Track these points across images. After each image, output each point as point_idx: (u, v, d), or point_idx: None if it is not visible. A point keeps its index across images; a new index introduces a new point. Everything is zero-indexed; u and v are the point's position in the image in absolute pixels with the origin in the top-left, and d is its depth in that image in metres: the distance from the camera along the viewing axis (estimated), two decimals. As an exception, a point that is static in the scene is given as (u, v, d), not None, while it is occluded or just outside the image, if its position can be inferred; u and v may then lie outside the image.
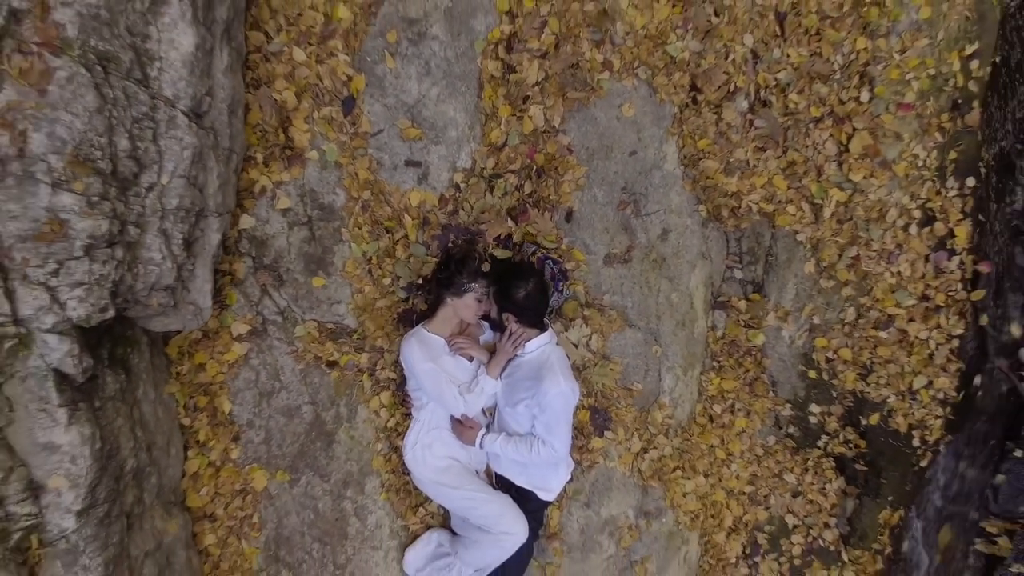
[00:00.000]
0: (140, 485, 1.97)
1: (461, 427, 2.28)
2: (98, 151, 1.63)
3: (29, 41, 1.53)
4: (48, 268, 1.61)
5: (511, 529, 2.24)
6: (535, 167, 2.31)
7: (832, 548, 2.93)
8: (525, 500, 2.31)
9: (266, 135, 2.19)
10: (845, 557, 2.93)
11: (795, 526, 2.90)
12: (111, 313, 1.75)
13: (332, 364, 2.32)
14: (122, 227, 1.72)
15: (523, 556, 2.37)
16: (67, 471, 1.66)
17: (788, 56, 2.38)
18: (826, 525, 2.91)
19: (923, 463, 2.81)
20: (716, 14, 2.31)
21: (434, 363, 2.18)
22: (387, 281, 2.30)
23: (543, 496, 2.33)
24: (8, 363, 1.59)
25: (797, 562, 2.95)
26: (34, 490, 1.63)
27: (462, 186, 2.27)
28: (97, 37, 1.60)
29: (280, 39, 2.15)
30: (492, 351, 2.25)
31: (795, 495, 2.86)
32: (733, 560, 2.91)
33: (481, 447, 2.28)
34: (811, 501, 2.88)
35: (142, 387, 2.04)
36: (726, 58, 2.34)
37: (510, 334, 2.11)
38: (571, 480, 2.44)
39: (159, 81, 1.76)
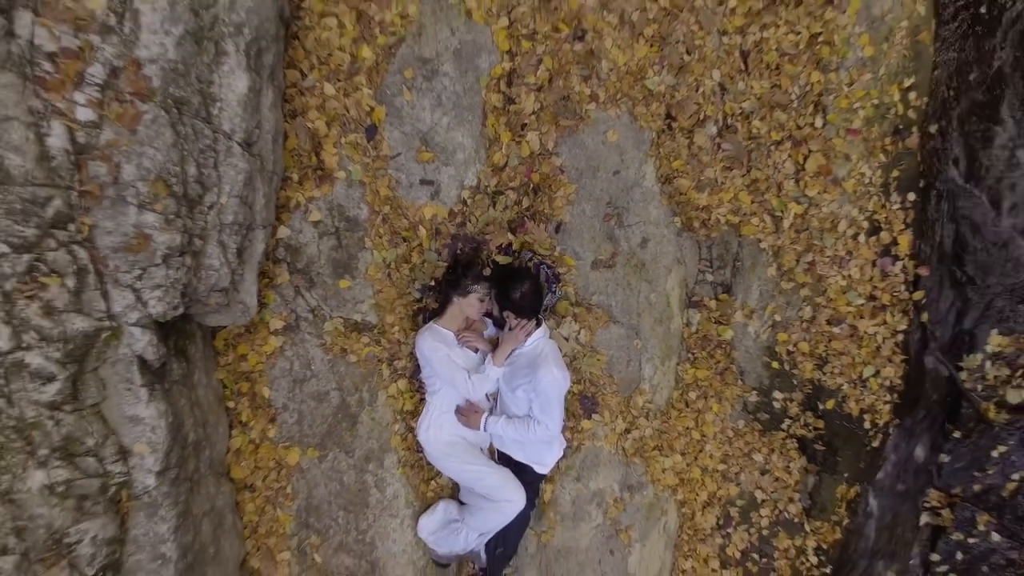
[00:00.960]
0: (198, 456, 2.35)
1: (466, 413, 2.65)
2: (173, 177, 2.01)
3: (124, 91, 1.91)
4: (134, 274, 1.98)
5: (511, 497, 2.61)
6: (532, 185, 2.70)
7: (796, 520, 3.31)
8: (523, 473, 2.68)
9: (300, 158, 2.56)
10: (807, 528, 3.32)
11: (763, 500, 3.29)
12: (181, 310, 2.12)
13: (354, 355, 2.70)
14: (190, 239, 2.09)
15: (521, 522, 2.74)
16: (148, 439, 2.04)
17: (751, 88, 2.76)
18: (790, 499, 3.29)
19: (875, 443, 3.19)
20: (688, 52, 2.69)
21: (446, 350, 2.56)
22: (404, 283, 2.68)
23: (539, 469, 2.71)
24: (103, 351, 1.97)
25: (765, 532, 3.33)
26: (123, 454, 2.01)
27: (469, 201, 2.65)
28: (174, 85, 1.98)
29: (313, 76, 2.52)
30: (494, 344, 2.63)
31: (763, 473, 3.24)
32: (708, 531, 3.29)
33: (485, 429, 2.65)
34: (777, 478, 3.26)
35: (197, 373, 2.41)
36: (697, 90, 2.72)
37: (516, 326, 2.48)
38: (563, 457, 2.81)
39: (219, 118, 2.13)
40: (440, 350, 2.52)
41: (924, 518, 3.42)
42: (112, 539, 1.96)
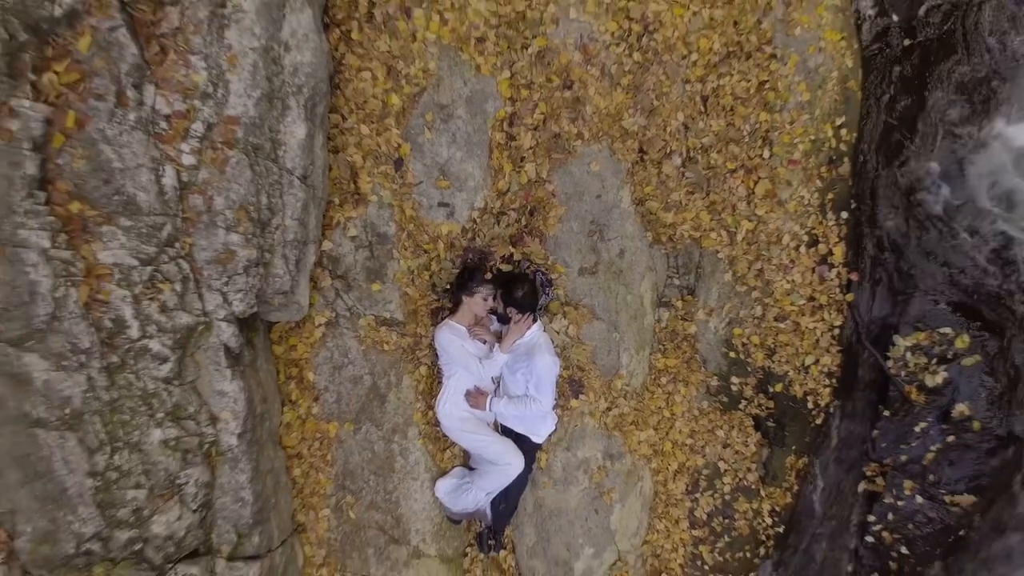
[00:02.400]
0: (262, 425, 2.92)
1: (475, 397, 3.23)
2: (251, 206, 2.59)
3: (217, 141, 2.50)
4: (222, 280, 2.57)
5: (512, 461, 3.19)
6: (529, 207, 3.28)
7: (753, 487, 3.91)
8: (522, 442, 3.26)
9: (341, 185, 3.14)
10: (763, 493, 3.91)
11: (725, 470, 3.88)
12: (255, 309, 2.71)
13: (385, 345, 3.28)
14: (262, 253, 2.67)
15: (521, 482, 3.33)
16: (231, 408, 2.62)
17: (710, 126, 3.35)
18: (748, 469, 3.88)
19: (818, 421, 3.78)
20: (657, 98, 3.28)
21: (454, 344, 3.14)
22: (425, 287, 3.26)
23: (535, 439, 3.29)
24: (199, 340, 2.55)
25: (727, 497, 3.92)
26: (213, 419, 2.59)
27: (478, 220, 3.23)
28: (252, 135, 2.56)
29: (352, 119, 3.09)
30: (498, 337, 3.21)
31: (724, 446, 3.83)
32: (679, 495, 3.88)
33: (490, 410, 3.23)
34: (736, 451, 3.85)
35: (260, 360, 2.99)
36: (664, 129, 3.30)
37: (517, 321, 3.06)
38: (555, 431, 3.40)
39: (284, 158, 2.71)
40: (455, 342, 3.10)
41: (862, 485, 4.03)
42: (207, 483, 2.55)
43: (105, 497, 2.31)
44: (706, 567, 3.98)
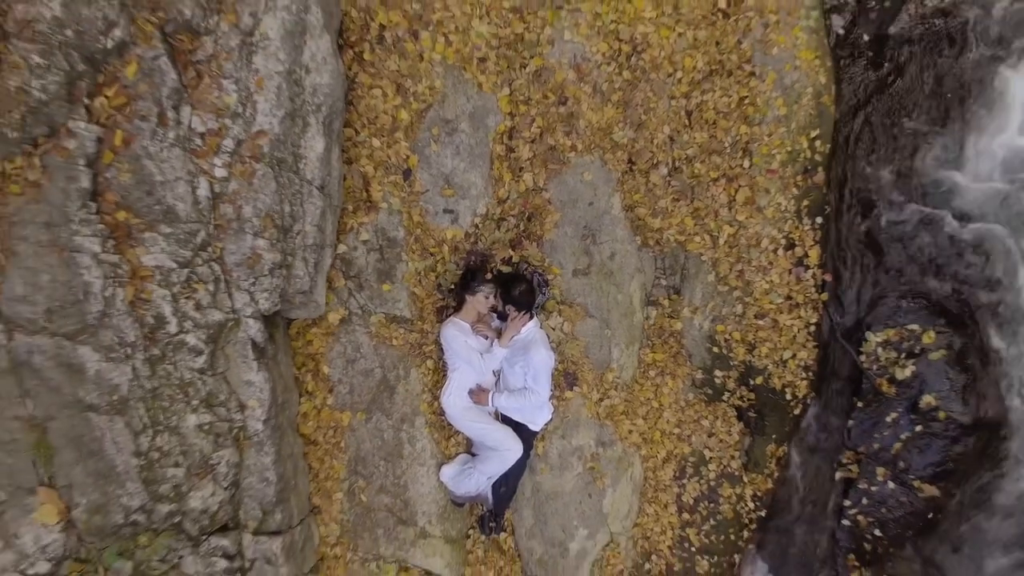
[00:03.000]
0: (283, 413, 3.19)
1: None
2: (276, 214, 2.86)
3: (245, 156, 2.77)
4: (250, 281, 2.84)
5: (512, 447, 3.46)
6: (527, 213, 3.55)
7: (736, 473, 4.18)
8: (520, 430, 3.53)
9: (354, 193, 3.41)
10: (745, 479, 4.18)
11: (710, 457, 4.15)
12: (278, 307, 2.98)
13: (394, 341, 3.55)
14: (285, 257, 2.94)
15: (519, 467, 3.60)
16: (258, 397, 2.89)
17: (694, 138, 3.62)
18: (732, 457, 4.15)
19: (796, 412, 4.06)
20: (644, 113, 3.55)
21: (457, 341, 3.41)
22: (431, 287, 3.53)
23: (532, 427, 3.57)
24: (229, 335, 2.82)
25: (712, 483, 4.20)
26: (241, 407, 2.86)
27: (480, 225, 3.50)
28: (277, 150, 2.84)
29: (364, 133, 3.37)
30: (499, 333, 3.48)
31: (709, 435, 4.10)
32: (667, 481, 4.16)
33: (492, 404, 3.50)
34: (720, 439, 4.12)
35: (280, 353, 3.26)
36: (652, 141, 3.58)
37: (515, 317, 3.33)
38: (551, 420, 3.67)
39: (304, 170, 2.98)
40: (459, 338, 3.37)
41: (839, 473, 4.30)
42: (236, 464, 2.82)
43: (149, 474, 2.59)
44: (693, 549, 4.25)
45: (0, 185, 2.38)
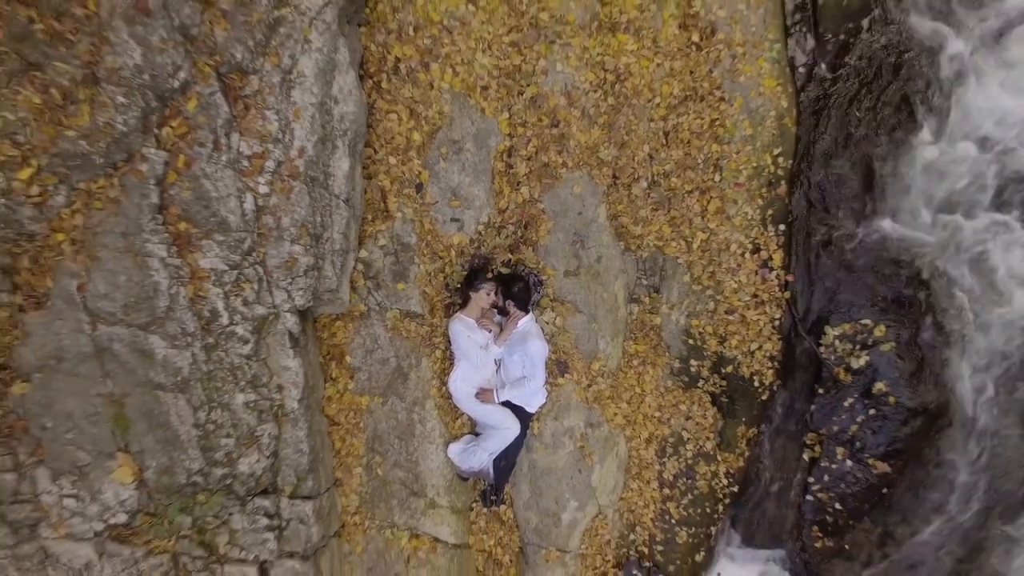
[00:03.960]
0: (313, 395, 3.67)
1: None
2: (309, 224, 3.34)
3: (284, 174, 3.24)
4: (288, 281, 3.31)
5: (511, 426, 3.94)
6: (524, 222, 4.03)
7: (711, 452, 4.65)
8: (518, 411, 4.01)
9: (373, 204, 3.88)
10: (719, 458, 4.66)
11: (688, 438, 4.62)
12: (310, 303, 3.45)
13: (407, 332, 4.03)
14: (316, 260, 3.42)
15: (517, 444, 4.08)
16: (294, 380, 3.37)
17: (671, 156, 4.10)
18: (707, 438, 4.63)
19: (764, 397, 4.53)
20: (627, 134, 4.03)
21: (463, 334, 3.88)
22: (440, 286, 4.01)
23: (529, 409, 4.03)
24: (270, 326, 3.30)
25: (690, 462, 4.67)
26: (280, 388, 3.34)
27: (482, 232, 3.98)
28: (311, 169, 3.31)
29: (382, 152, 3.84)
30: (500, 327, 3.96)
31: (687, 418, 4.58)
32: (649, 460, 4.63)
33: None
34: (697, 423, 4.60)
35: (310, 343, 3.74)
36: (633, 159, 4.05)
37: (514, 313, 3.81)
38: (545, 403, 4.15)
39: (332, 186, 3.45)
40: (463, 332, 3.84)
41: (804, 453, 4.78)
42: (276, 436, 3.30)
43: (205, 443, 3.07)
44: (673, 521, 4.73)
45: (87, 202, 2.86)
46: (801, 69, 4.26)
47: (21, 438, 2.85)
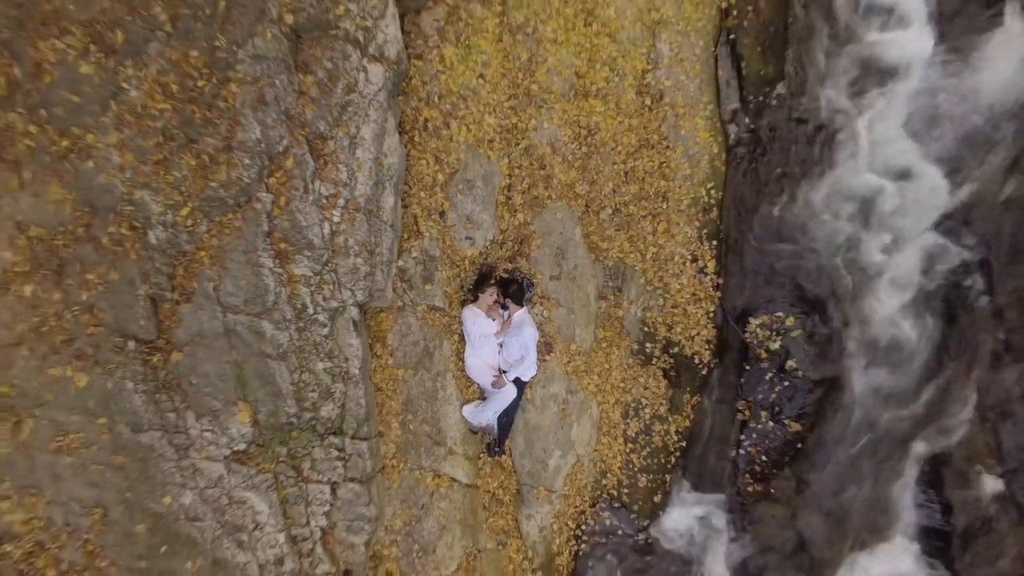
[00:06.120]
0: (367, 366, 4.88)
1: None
2: (367, 243, 4.56)
3: (350, 208, 4.47)
4: (352, 283, 4.53)
5: (510, 391, 5.15)
6: (520, 239, 5.27)
7: (664, 415, 5.86)
8: (515, 381, 5.24)
9: (408, 227, 5.10)
10: (671, 419, 5.87)
11: (645, 404, 5.84)
12: (366, 299, 4.68)
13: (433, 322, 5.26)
14: (371, 269, 4.65)
15: (515, 405, 5.29)
16: (355, 354, 4.57)
17: (629, 190, 5.32)
18: (660, 403, 5.84)
19: (704, 372, 5.74)
20: (596, 173, 5.25)
21: (474, 322, 5.11)
22: (457, 287, 5.24)
23: (523, 378, 5.25)
24: (339, 315, 4.52)
25: (648, 422, 5.88)
26: (346, 359, 4.53)
27: (488, 247, 5.21)
28: (368, 204, 4.53)
29: (415, 189, 5.06)
30: (504, 319, 5.18)
31: (644, 388, 5.79)
32: (616, 420, 5.85)
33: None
34: (652, 392, 5.81)
35: (363, 328, 4.96)
36: (601, 192, 5.28)
37: (512, 309, 5.04)
38: (536, 375, 5.37)
39: (382, 215, 4.66)
40: (471, 319, 5.05)
41: (737, 416, 5.99)
42: (344, 393, 4.51)
43: (298, 396, 4.30)
44: (635, 469, 5.94)
45: (220, 229, 4.09)
46: (729, 123, 5.50)
47: (176, 390, 4.08)
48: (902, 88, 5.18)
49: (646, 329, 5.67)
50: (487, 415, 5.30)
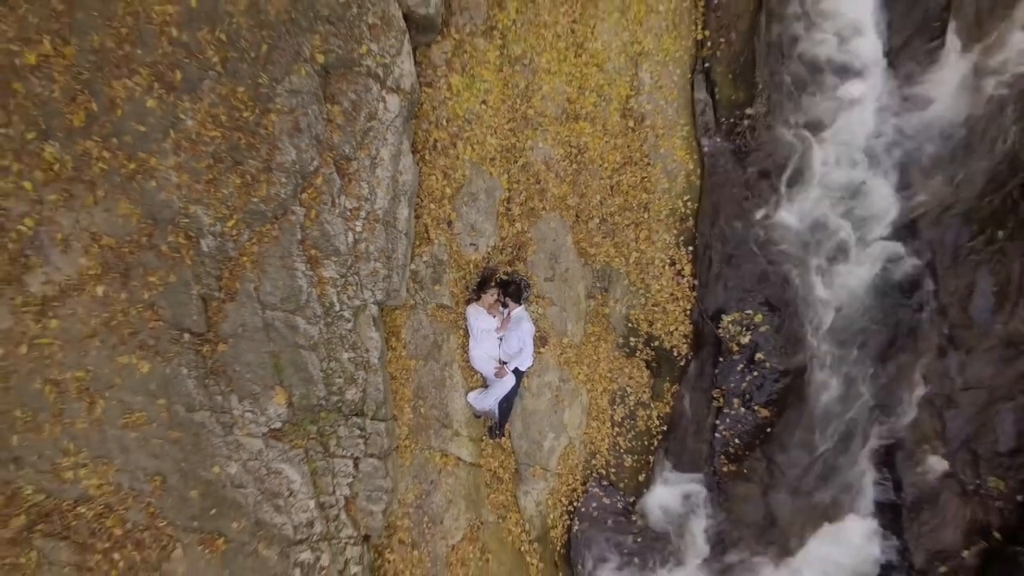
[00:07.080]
0: (384, 357, 5.51)
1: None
2: (385, 250, 5.18)
3: (371, 219, 5.10)
4: (372, 284, 5.15)
5: (510, 380, 5.79)
6: (518, 245, 5.89)
7: (647, 401, 6.47)
8: (514, 371, 5.86)
9: (420, 234, 5.72)
10: (653, 406, 6.48)
11: (630, 392, 6.45)
12: (384, 299, 5.30)
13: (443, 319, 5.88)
14: (388, 272, 5.27)
15: (514, 392, 5.91)
16: (375, 346, 5.20)
17: (615, 202, 5.94)
18: (644, 391, 6.45)
19: (682, 364, 6.36)
20: (585, 188, 5.87)
21: (477, 319, 5.73)
22: (463, 287, 5.86)
23: (521, 368, 5.87)
24: (361, 312, 5.14)
25: (632, 408, 6.49)
26: (367, 350, 5.18)
27: (490, 252, 5.83)
28: (386, 216, 5.16)
29: (426, 201, 5.68)
30: (504, 316, 5.80)
31: (629, 378, 6.40)
32: (604, 406, 6.47)
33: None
34: (637, 381, 6.42)
35: (379, 324, 5.58)
36: (589, 204, 5.89)
37: (510, 306, 5.67)
38: (532, 365, 5.98)
39: (398, 225, 5.28)
40: (473, 316, 5.68)
41: (712, 403, 6.60)
42: (365, 380, 5.13)
43: (327, 381, 4.92)
44: (622, 450, 6.55)
45: (260, 238, 4.72)
46: (704, 142, 6.11)
47: (223, 376, 4.70)
48: (856, 114, 5.80)
49: (630, 325, 6.29)
50: (489, 401, 5.92)
